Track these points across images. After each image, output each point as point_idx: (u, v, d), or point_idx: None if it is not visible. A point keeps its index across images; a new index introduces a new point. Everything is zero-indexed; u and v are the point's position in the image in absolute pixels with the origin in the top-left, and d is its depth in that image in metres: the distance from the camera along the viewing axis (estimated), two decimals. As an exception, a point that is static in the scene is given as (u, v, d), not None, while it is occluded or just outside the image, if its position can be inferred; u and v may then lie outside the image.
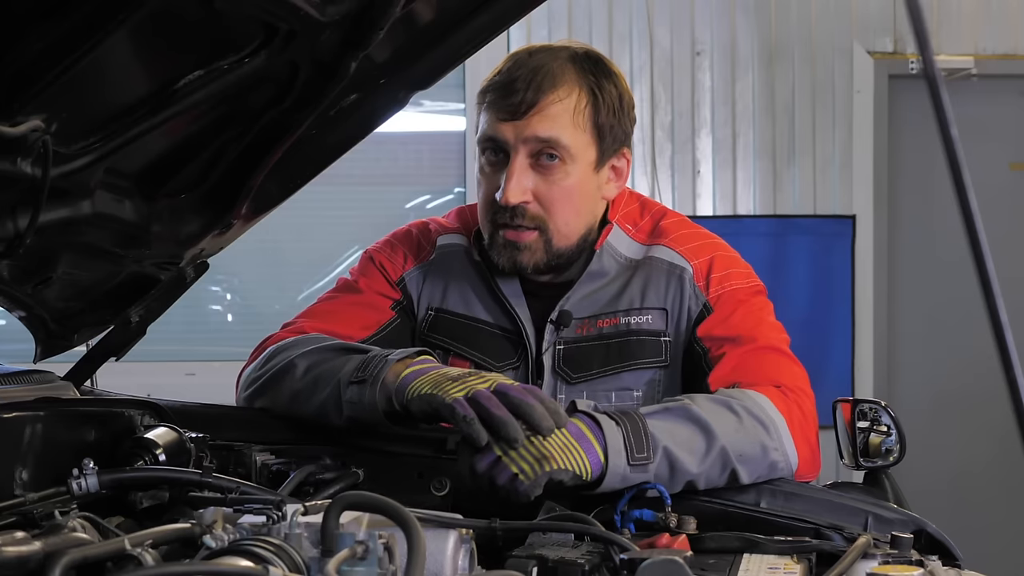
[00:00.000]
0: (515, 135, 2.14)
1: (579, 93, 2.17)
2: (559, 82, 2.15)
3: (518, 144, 2.14)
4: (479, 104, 2.21)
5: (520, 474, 1.76)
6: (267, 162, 1.89)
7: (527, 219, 2.16)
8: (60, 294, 1.99)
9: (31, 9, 1.40)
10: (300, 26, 1.63)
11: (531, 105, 2.13)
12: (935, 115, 1.18)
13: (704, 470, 1.88)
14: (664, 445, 1.85)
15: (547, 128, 2.14)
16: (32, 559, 1.19)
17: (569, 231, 2.20)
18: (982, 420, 5.70)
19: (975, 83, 5.72)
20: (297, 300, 5.62)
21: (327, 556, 1.26)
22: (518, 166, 2.14)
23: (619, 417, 1.86)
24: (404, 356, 1.90)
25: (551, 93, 2.14)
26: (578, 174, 2.18)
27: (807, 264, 5.69)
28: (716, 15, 5.70)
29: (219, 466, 1.84)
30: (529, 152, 2.15)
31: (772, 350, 2.15)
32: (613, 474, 1.82)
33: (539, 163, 2.16)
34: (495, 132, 2.16)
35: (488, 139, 2.18)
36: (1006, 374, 1.17)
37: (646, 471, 1.84)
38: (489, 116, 2.17)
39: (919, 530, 1.81)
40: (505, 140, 2.15)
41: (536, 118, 2.13)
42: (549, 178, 2.16)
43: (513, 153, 2.15)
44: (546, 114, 2.14)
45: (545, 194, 2.16)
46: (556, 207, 2.17)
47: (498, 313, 2.28)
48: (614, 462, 1.82)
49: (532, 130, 2.13)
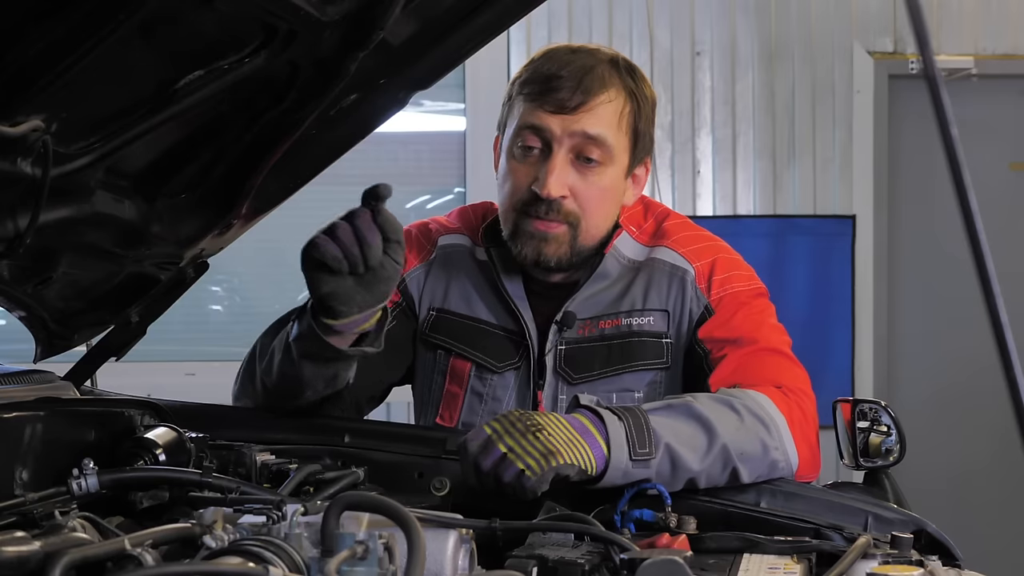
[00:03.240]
0: (562, 128, 2.15)
1: (624, 97, 2.19)
2: (608, 84, 2.17)
3: (563, 138, 2.15)
4: (515, 95, 2.21)
5: (527, 470, 1.76)
6: (267, 162, 1.89)
7: (561, 214, 2.17)
8: (60, 294, 1.99)
9: (31, 9, 1.40)
10: (300, 26, 1.63)
11: (582, 102, 2.14)
12: (935, 115, 1.18)
13: (705, 468, 1.88)
14: (666, 441, 1.86)
15: (595, 125, 2.15)
16: (32, 559, 1.19)
17: (597, 232, 2.21)
18: (982, 420, 5.69)
19: (975, 83, 5.71)
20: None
21: (327, 556, 1.27)
22: (560, 160, 2.15)
23: (621, 412, 1.86)
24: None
25: (602, 93, 2.16)
26: (612, 176, 2.20)
27: (807, 264, 5.69)
28: (716, 15, 5.70)
29: (219, 466, 1.84)
30: (572, 148, 2.16)
31: (773, 352, 2.15)
32: (615, 469, 1.82)
33: (578, 162, 2.17)
34: (541, 122, 2.16)
35: (531, 127, 2.17)
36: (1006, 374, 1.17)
37: (648, 466, 1.84)
38: (532, 106, 2.17)
39: (919, 530, 1.81)
40: (550, 132, 2.15)
41: (586, 115, 2.15)
42: (588, 178, 2.17)
43: (556, 146, 2.15)
44: (595, 112, 2.15)
45: (582, 192, 2.17)
46: (591, 206, 2.18)
47: (501, 313, 2.28)
48: (616, 456, 1.82)
49: (581, 125, 2.15)
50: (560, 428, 1.80)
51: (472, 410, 2.27)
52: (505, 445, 1.79)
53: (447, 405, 2.30)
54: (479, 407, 2.26)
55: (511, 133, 2.21)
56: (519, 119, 2.19)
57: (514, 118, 2.20)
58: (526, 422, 1.82)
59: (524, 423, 1.82)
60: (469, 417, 2.27)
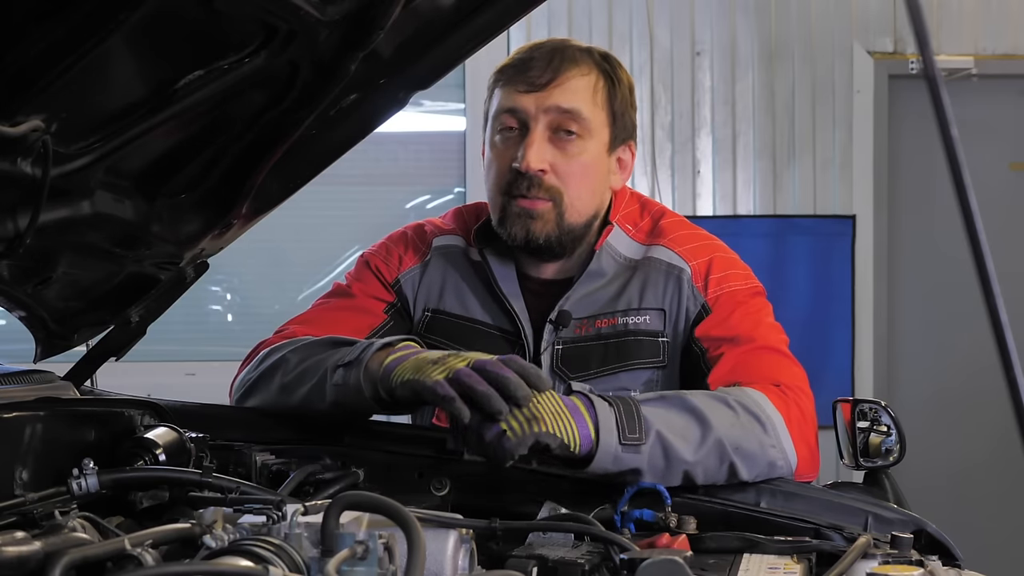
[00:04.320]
0: (536, 105, 2.18)
1: (597, 74, 2.22)
2: (579, 61, 2.21)
3: (539, 114, 2.18)
4: (493, 85, 2.24)
5: (508, 431, 1.75)
6: (267, 162, 1.89)
7: (543, 190, 2.18)
8: (60, 294, 1.99)
9: (31, 9, 1.40)
10: (300, 26, 1.63)
11: (552, 78, 2.18)
12: (935, 115, 1.18)
13: (700, 459, 1.87)
14: (657, 429, 1.85)
15: (568, 99, 2.18)
16: (32, 559, 1.19)
17: (582, 206, 2.22)
18: (982, 419, 5.70)
19: (975, 83, 5.71)
20: (297, 300, 5.62)
21: (327, 556, 1.26)
22: (538, 135, 2.18)
23: (612, 400, 1.86)
24: (387, 343, 1.92)
25: (572, 68, 2.20)
26: (593, 151, 2.21)
27: (807, 264, 5.69)
28: (716, 15, 5.70)
29: (219, 466, 1.83)
30: (548, 124, 2.18)
31: (771, 350, 2.15)
32: (605, 452, 1.81)
33: (557, 137, 2.19)
34: (514, 103, 2.19)
35: (507, 110, 2.20)
36: (1006, 373, 1.17)
37: (639, 452, 1.83)
38: (507, 91, 2.21)
39: (919, 530, 1.81)
40: (525, 110, 2.18)
41: (558, 90, 2.18)
42: (566, 151, 2.19)
43: (533, 123, 2.18)
44: (567, 87, 2.18)
45: (562, 167, 2.19)
46: (572, 180, 2.19)
47: (496, 313, 2.28)
48: (605, 440, 1.81)
49: (554, 100, 2.17)
50: (549, 400, 1.80)
51: (470, 410, 2.26)
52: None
53: (444, 405, 2.29)
54: (477, 407, 2.26)
55: (491, 119, 2.24)
56: (495, 107, 2.23)
57: (492, 107, 2.24)
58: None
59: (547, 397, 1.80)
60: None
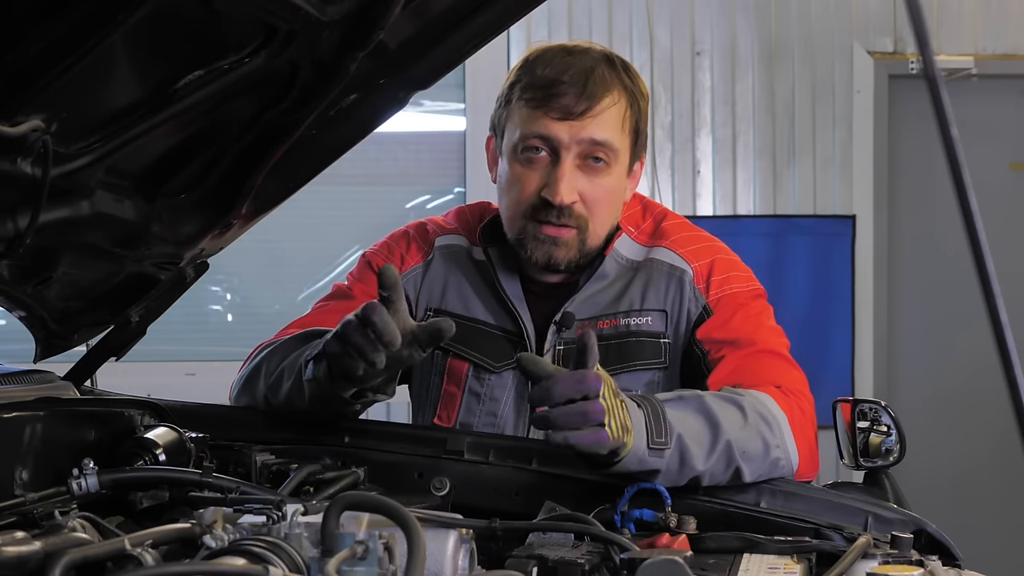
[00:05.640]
0: (570, 136, 2.16)
1: (625, 99, 2.20)
2: (611, 86, 2.18)
3: (572, 144, 2.16)
4: (514, 100, 2.21)
5: (607, 427, 1.73)
6: (267, 162, 1.89)
7: (572, 219, 2.18)
8: (60, 294, 1.99)
9: (31, 9, 1.40)
10: (300, 26, 1.63)
11: (587, 108, 2.15)
12: (935, 115, 1.18)
13: (709, 467, 1.87)
14: (679, 432, 1.85)
15: (602, 131, 2.17)
16: (32, 559, 1.19)
17: (602, 231, 2.23)
18: (982, 419, 5.69)
19: (975, 83, 5.71)
20: (297, 300, 5.62)
21: (327, 556, 1.27)
22: (568, 166, 2.16)
23: (640, 400, 1.85)
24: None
25: (606, 97, 2.17)
26: (617, 176, 2.21)
27: (807, 264, 5.68)
28: (716, 15, 5.69)
29: (219, 466, 1.84)
30: (579, 153, 2.17)
31: (772, 354, 2.15)
32: (633, 454, 1.80)
33: (586, 164, 2.18)
34: (547, 131, 2.16)
35: (539, 137, 2.17)
36: (1006, 373, 1.17)
37: (662, 456, 1.83)
38: (536, 113, 2.17)
39: (919, 530, 1.81)
40: (558, 140, 2.16)
41: (592, 121, 2.16)
42: (594, 180, 2.19)
43: (564, 152, 2.16)
44: (601, 118, 2.17)
45: (590, 195, 2.19)
46: (598, 208, 2.20)
47: (499, 313, 2.28)
48: (636, 443, 1.80)
49: (588, 132, 2.16)
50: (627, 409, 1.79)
51: (470, 410, 2.27)
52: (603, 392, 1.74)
53: (444, 405, 2.30)
54: (476, 407, 2.26)
55: (514, 139, 2.20)
56: (522, 126, 2.19)
57: (515, 124, 2.20)
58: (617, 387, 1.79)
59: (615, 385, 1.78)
60: (467, 417, 2.27)
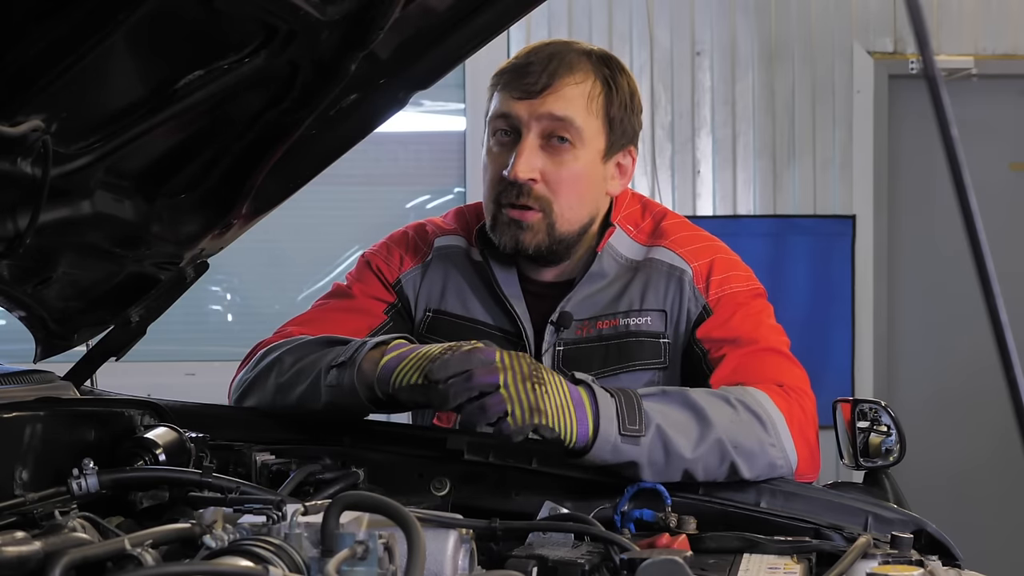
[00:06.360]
0: (529, 113, 2.16)
1: (594, 81, 2.20)
2: (576, 68, 2.18)
3: (531, 122, 2.16)
4: (492, 87, 2.23)
5: (510, 416, 1.74)
6: (267, 162, 1.89)
7: (532, 199, 2.17)
8: (60, 294, 1.99)
9: (31, 9, 1.40)
10: (300, 26, 1.63)
11: (547, 85, 2.16)
12: (935, 115, 1.18)
13: (700, 456, 1.87)
14: (657, 423, 1.85)
15: (562, 107, 2.16)
16: (32, 559, 1.19)
17: (572, 216, 2.20)
18: (982, 419, 5.70)
19: (975, 83, 5.71)
20: (297, 300, 5.62)
21: (327, 556, 1.27)
22: (529, 144, 2.16)
23: (614, 391, 1.86)
24: (380, 342, 1.92)
25: (568, 76, 2.17)
26: (586, 160, 2.19)
27: (807, 264, 5.69)
28: (716, 15, 5.70)
29: (219, 466, 1.84)
30: (541, 132, 2.17)
31: (773, 352, 2.15)
32: (604, 441, 1.81)
33: (549, 144, 2.17)
34: (508, 109, 2.18)
35: (500, 116, 2.19)
36: (1006, 373, 1.17)
37: (638, 444, 1.83)
38: (502, 96, 2.19)
39: (919, 530, 1.81)
40: (518, 117, 2.17)
41: (551, 97, 2.16)
42: (558, 159, 2.17)
43: (525, 131, 2.16)
44: (561, 94, 2.16)
45: (553, 175, 2.17)
46: (562, 189, 2.18)
47: (497, 314, 2.28)
48: (605, 429, 1.81)
49: (547, 108, 2.15)
50: (558, 392, 1.79)
51: (470, 410, 2.26)
52: (505, 381, 1.75)
53: (445, 405, 2.29)
54: (477, 407, 2.26)
55: (487, 126, 2.23)
56: (491, 111, 2.22)
57: (489, 110, 2.23)
58: (533, 371, 1.78)
59: (530, 371, 1.78)
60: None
